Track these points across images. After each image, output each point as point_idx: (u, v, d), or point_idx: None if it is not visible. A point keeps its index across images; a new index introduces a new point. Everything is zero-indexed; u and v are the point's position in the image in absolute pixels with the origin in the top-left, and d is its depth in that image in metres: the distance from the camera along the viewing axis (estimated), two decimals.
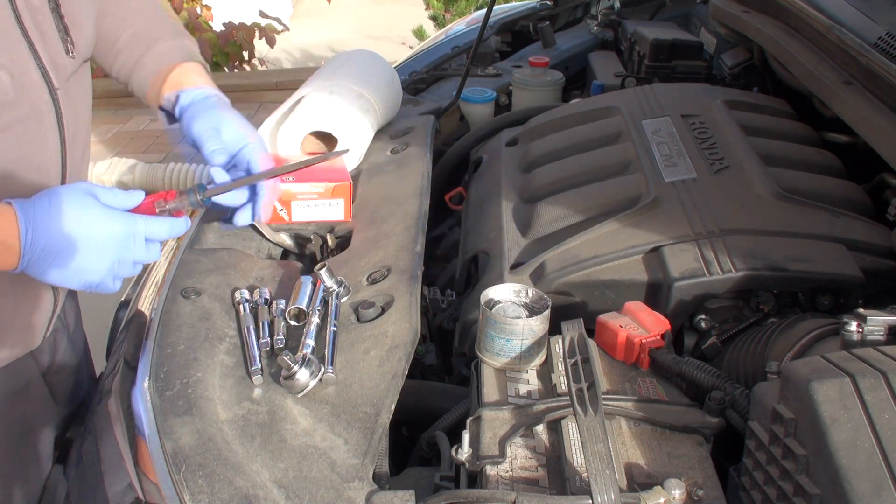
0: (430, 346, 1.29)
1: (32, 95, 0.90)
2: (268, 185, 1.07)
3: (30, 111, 0.90)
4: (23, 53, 0.89)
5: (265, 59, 5.78)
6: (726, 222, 1.14)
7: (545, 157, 1.46)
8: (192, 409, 0.89)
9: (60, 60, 0.94)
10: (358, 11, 7.89)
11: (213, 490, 0.79)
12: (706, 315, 1.08)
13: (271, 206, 1.11)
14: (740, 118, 1.42)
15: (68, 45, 0.95)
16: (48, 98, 0.93)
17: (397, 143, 1.54)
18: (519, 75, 1.95)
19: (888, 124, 1.18)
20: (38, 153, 0.93)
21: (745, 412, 0.82)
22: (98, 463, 0.91)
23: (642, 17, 2.36)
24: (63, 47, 0.95)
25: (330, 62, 1.62)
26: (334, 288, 1.07)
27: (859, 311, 0.83)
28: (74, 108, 0.99)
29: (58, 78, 0.94)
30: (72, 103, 0.98)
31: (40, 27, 0.91)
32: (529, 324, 0.92)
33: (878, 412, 0.65)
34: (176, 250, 1.24)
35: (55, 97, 0.94)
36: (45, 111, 0.93)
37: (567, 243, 1.17)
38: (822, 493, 0.66)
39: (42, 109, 0.92)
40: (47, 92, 0.92)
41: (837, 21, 1.38)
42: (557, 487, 0.78)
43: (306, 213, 1.30)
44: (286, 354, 0.92)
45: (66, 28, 0.95)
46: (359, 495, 0.78)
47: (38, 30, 0.90)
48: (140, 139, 4.41)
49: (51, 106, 0.93)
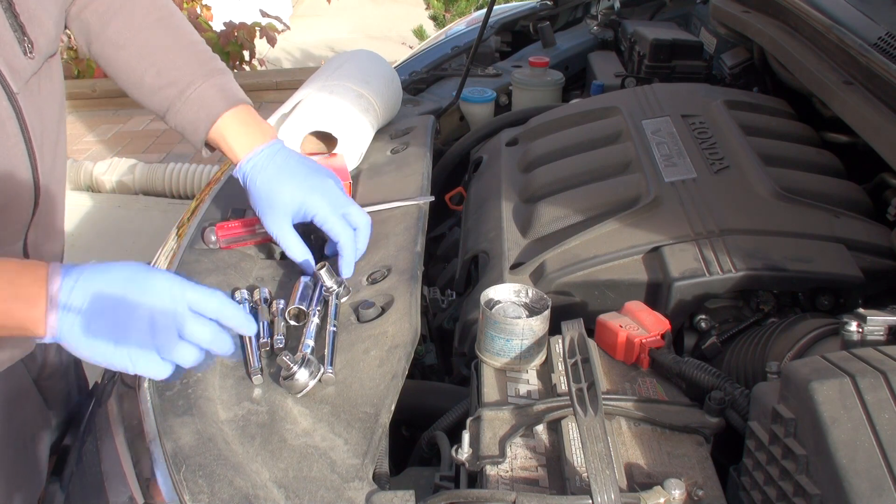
0: (430, 346, 1.29)
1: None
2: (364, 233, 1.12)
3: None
4: None
5: (265, 58, 5.78)
6: (726, 222, 1.14)
7: (545, 157, 1.46)
8: (192, 409, 0.89)
9: (17, 63, 0.89)
10: (358, 11, 7.89)
11: (213, 490, 0.79)
12: (706, 315, 1.08)
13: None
14: (740, 118, 1.42)
15: (26, 45, 0.89)
16: (7, 104, 0.87)
17: (397, 143, 1.54)
18: (519, 75, 1.95)
19: (888, 124, 1.18)
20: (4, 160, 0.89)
21: (745, 412, 0.82)
22: (98, 464, 0.91)
23: (642, 17, 2.35)
24: (20, 48, 0.89)
25: (330, 62, 1.62)
26: (334, 288, 1.07)
27: (859, 311, 0.83)
28: (39, 109, 0.94)
29: (16, 82, 0.88)
30: (35, 105, 0.93)
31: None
32: (529, 324, 0.92)
33: (878, 412, 0.65)
34: (176, 250, 1.24)
35: (14, 102, 0.88)
36: (6, 118, 0.88)
37: (567, 243, 1.17)
38: (822, 493, 0.66)
39: (2, 117, 0.88)
40: (5, 98, 0.87)
41: (837, 21, 1.38)
42: (557, 487, 0.78)
43: None
44: (285, 355, 0.92)
45: (21, 27, 0.89)
46: (359, 495, 0.78)
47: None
48: (140, 139, 4.41)
49: (11, 112, 0.88)
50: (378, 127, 1.56)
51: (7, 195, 0.89)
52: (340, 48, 6.10)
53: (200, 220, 1.29)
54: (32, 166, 0.94)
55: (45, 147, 0.96)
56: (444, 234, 1.67)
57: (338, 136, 1.39)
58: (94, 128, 4.63)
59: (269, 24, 5.38)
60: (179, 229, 1.34)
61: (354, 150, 1.42)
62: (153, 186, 3.78)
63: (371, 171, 1.45)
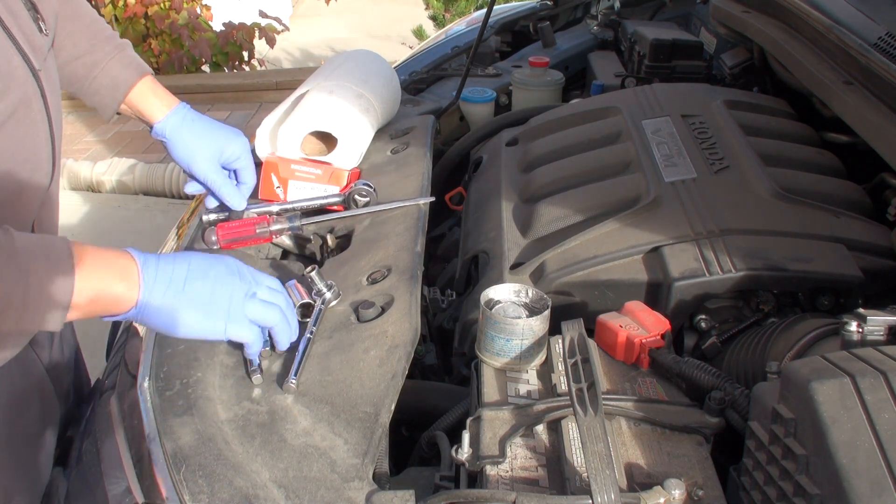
0: (430, 346, 1.29)
1: (18, 83, 0.86)
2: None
3: (20, 100, 0.87)
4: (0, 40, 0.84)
5: (265, 59, 5.78)
6: (726, 222, 1.14)
7: (545, 157, 1.46)
8: (192, 409, 0.89)
9: (36, 40, 0.90)
10: (358, 11, 7.89)
11: (213, 490, 0.79)
12: (706, 315, 1.08)
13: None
14: (740, 118, 1.42)
15: (40, 22, 0.91)
16: (33, 82, 0.89)
17: (397, 143, 1.54)
18: (519, 75, 1.95)
19: (888, 124, 1.18)
20: (29, 143, 0.90)
21: (745, 412, 0.82)
22: (98, 463, 0.91)
23: (642, 17, 2.35)
24: (35, 26, 0.91)
25: (329, 62, 1.62)
26: (323, 291, 1.07)
27: (859, 311, 0.83)
28: (53, 87, 0.96)
29: (37, 59, 0.90)
30: (51, 83, 0.95)
31: (10, 7, 0.87)
32: (529, 324, 0.92)
33: (878, 412, 0.65)
34: (176, 250, 1.24)
35: (38, 80, 0.90)
36: (32, 96, 0.89)
37: (567, 243, 1.17)
38: (822, 493, 0.66)
39: (29, 95, 0.89)
40: (31, 76, 0.88)
41: (837, 21, 1.38)
42: (557, 487, 0.78)
43: (302, 194, 1.33)
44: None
45: (34, 5, 0.91)
46: (359, 495, 0.78)
47: (8, 11, 0.86)
48: (140, 139, 4.41)
49: (36, 90, 0.90)
50: (378, 127, 1.56)
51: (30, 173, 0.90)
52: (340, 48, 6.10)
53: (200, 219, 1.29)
54: (52, 144, 0.96)
55: (59, 129, 0.99)
56: (444, 234, 1.67)
57: (338, 136, 1.39)
58: (94, 128, 4.63)
59: (268, 25, 5.38)
60: (179, 229, 1.34)
61: (354, 150, 1.42)
62: (153, 186, 3.78)
63: (371, 171, 1.45)
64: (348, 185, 1.33)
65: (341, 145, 1.40)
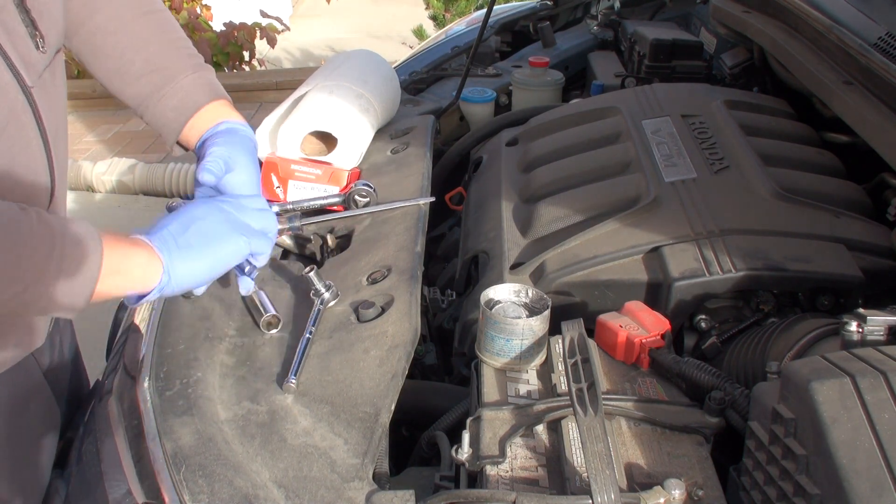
0: (430, 346, 1.29)
1: (7, 99, 0.86)
2: None
3: (8, 116, 0.86)
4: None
5: (265, 59, 5.78)
6: (726, 222, 1.14)
7: (545, 157, 1.46)
8: (192, 409, 0.89)
9: (31, 58, 0.89)
10: (358, 11, 7.89)
11: (213, 490, 0.79)
12: (706, 315, 1.08)
13: None
14: (740, 118, 1.42)
15: (38, 39, 0.90)
16: (23, 99, 0.88)
17: (397, 143, 1.54)
18: (519, 75, 1.95)
19: (888, 124, 1.18)
20: (23, 156, 0.90)
21: (745, 412, 0.82)
22: (98, 464, 0.91)
23: (642, 17, 2.35)
24: (32, 43, 0.89)
25: (329, 62, 1.62)
26: (321, 291, 1.07)
27: (859, 311, 0.83)
28: (51, 103, 0.95)
29: (30, 76, 0.89)
30: (48, 99, 0.94)
31: (6, 25, 0.86)
32: (529, 324, 0.92)
33: (878, 412, 0.65)
34: None
35: (30, 96, 0.89)
36: (21, 111, 0.89)
37: (567, 243, 1.17)
38: (822, 493, 0.66)
39: (18, 111, 0.88)
40: (21, 93, 0.88)
41: (837, 21, 1.38)
42: (557, 487, 0.78)
43: (302, 194, 1.32)
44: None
45: (33, 22, 0.89)
46: (359, 495, 0.78)
47: (3, 28, 0.85)
48: (140, 139, 4.41)
49: (26, 106, 0.89)
50: (378, 127, 1.56)
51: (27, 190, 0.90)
52: (340, 48, 6.10)
53: None
54: (48, 160, 0.95)
55: (58, 141, 0.98)
56: (444, 234, 1.67)
57: (338, 136, 1.39)
58: (94, 128, 4.63)
59: (269, 25, 5.38)
60: None
61: (354, 150, 1.42)
62: (153, 186, 3.78)
63: (371, 171, 1.45)
64: (348, 185, 1.33)
65: (341, 145, 1.40)
